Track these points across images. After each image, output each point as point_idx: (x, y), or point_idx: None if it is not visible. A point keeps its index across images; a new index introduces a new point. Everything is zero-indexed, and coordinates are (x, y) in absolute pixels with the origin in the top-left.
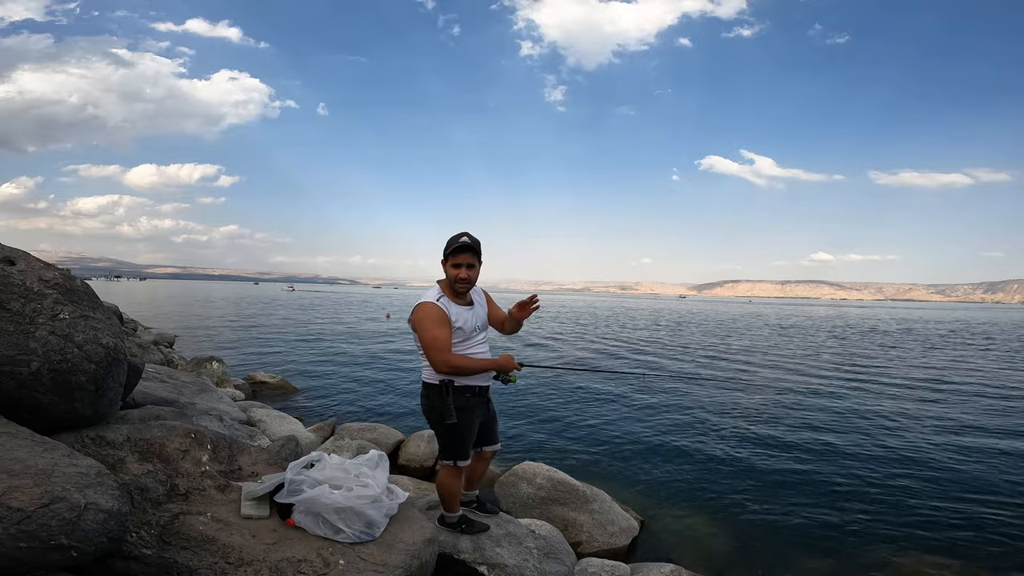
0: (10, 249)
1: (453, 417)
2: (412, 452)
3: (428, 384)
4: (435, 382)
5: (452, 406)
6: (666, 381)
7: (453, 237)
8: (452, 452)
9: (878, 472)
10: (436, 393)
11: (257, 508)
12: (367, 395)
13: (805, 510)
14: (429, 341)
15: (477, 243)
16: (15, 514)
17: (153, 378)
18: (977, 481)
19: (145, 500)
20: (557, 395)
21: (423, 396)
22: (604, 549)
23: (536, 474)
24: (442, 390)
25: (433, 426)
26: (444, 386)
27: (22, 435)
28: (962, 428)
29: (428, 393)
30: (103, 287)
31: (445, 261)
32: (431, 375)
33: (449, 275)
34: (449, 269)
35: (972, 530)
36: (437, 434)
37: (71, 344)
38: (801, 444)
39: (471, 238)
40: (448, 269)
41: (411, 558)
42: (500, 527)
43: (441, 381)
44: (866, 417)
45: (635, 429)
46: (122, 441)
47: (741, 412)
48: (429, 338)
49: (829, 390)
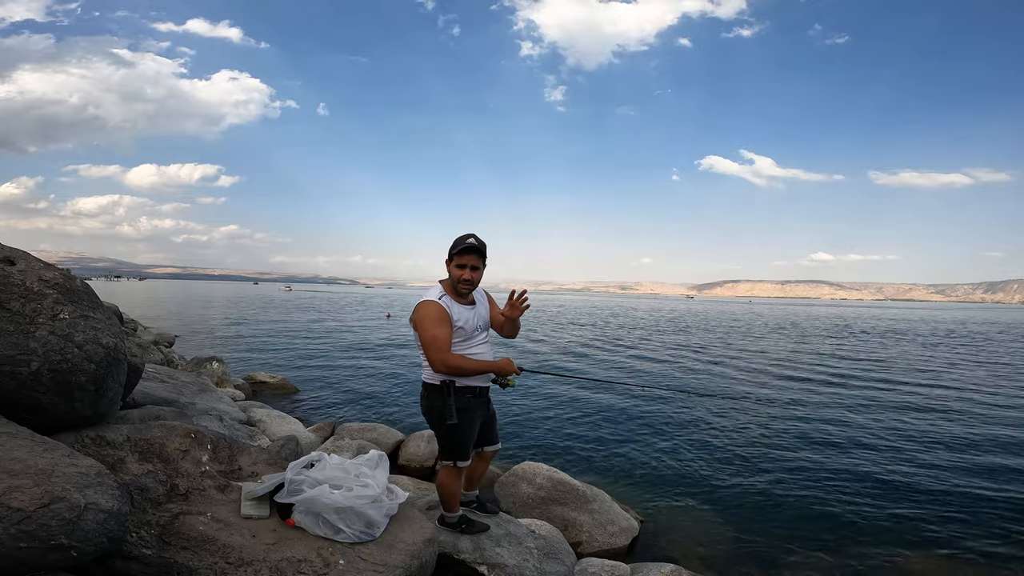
0: (10, 249)
1: (454, 418)
2: (412, 452)
3: (429, 384)
4: (436, 382)
5: (453, 407)
6: (667, 380)
7: (460, 238)
8: (453, 453)
9: (879, 472)
10: (437, 394)
11: (257, 508)
12: (367, 395)
13: (805, 510)
14: (428, 340)
15: (483, 246)
16: (15, 514)
17: (153, 378)
18: (978, 481)
19: (145, 500)
20: (557, 395)
21: (423, 396)
22: (604, 549)
23: (536, 474)
24: (443, 390)
25: (433, 426)
26: (445, 386)
27: (22, 435)
28: (963, 428)
29: (428, 394)
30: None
31: (450, 260)
32: (432, 375)
33: (453, 275)
34: (453, 269)
35: (973, 530)
36: (437, 435)
37: (71, 344)
38: (801, 444)
39: (478, 240)
40: (452, 269)
41: (411, 558)
42: (500, 527)
43: (442, 382)
44: (867, 417)
45: (635, 429)
46: (122, 441)
47: (741, 413)
48: (429, 337)
49: (830, 390)
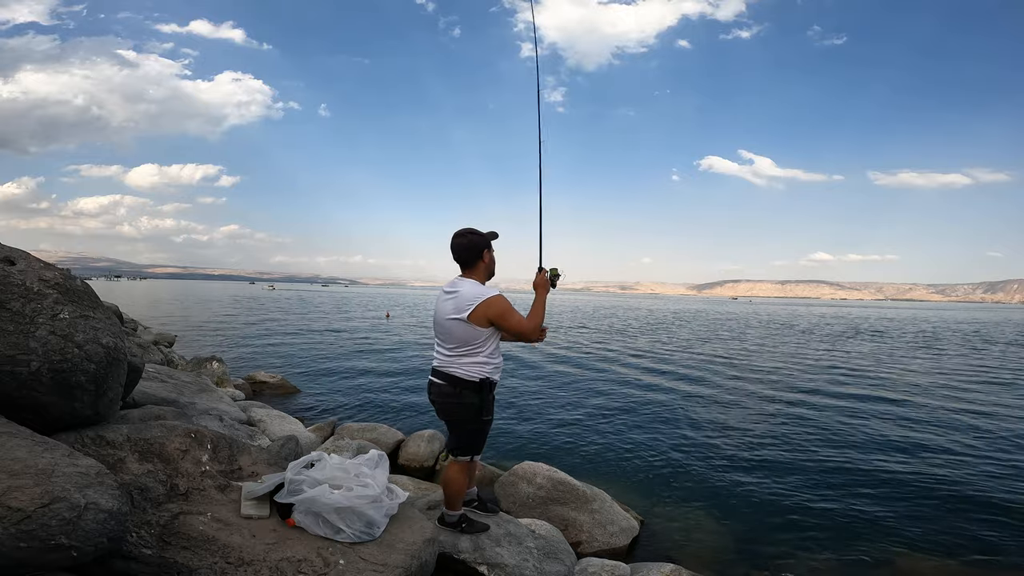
0: (10, 249)
1: (492, 413)
2: (412, 452)
3: (466, 381)
4: (476, 379)
5: (492, 403)
6: (667, 380)
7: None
8: (472, 448)
9: (879, 472)
10: (474, 391)
11: (257, 508)
12: (367, 395)
13: (806, 509)
14: (517, 321)
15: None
16: (15, 514)
17: (153, 378)
18: (979, 482)
19: (145, 500)
20: (557, 395)
21: (452, 395)
22: (604, 549)
23: (536, 474)
24: (482, 387)
25: (460, 424)
26: (485, 384)
27: (22, 435)
28: (965, 429)
29: (461, 391)
30: (103, 287)
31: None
32: (474, 372)
33: (492, 263)
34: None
35: (974, 530)
36: (462, 431)
37: (71, 344)
38: (802, 445)
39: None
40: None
41: (411, 558)
42: (500, 527)
43: (481, 380)
44: (867, 418)
45: (635, 429)
46: (122, 441)
47: (742, 413)
48: (516, 321)
49: (830, 391)
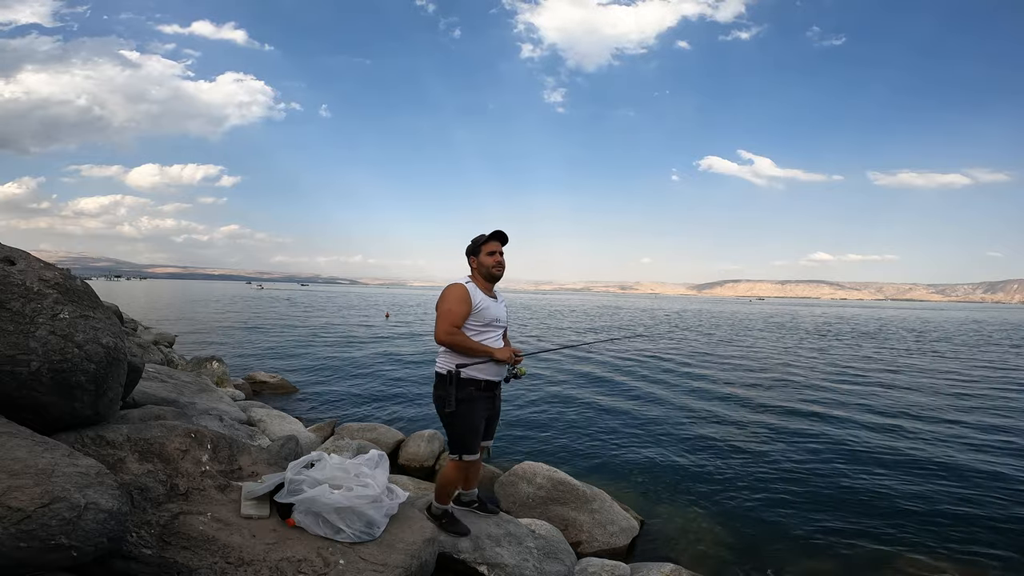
0: (10, 249)
1: (452, 405)
2: (412, 452)
3: (438, 373)
4: (444, 371)
5: (453, 396)
6: (667, 380)
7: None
8: (458, 446)
9: (879, 473)
10: (442, 382)
11: (257, 508)
12: (367, 395)
13: (806, 510)
14: (443, 312)
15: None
16: (15, 514)
17: (153, 378)
18: (979, 482)
19: (145, 500)
20: (557, 395)
21: (434, 386)
22: (604, 549)
23: (536, 474)
24: (447, 379)
25: (440, 416)
26: (450, 376)
27: (22, 435)
28: (967, 428)
29: (437, 382)
30: (103, 287)
31: (476, 253)
32: (443, 364)
33: (485, 263)
34: (484, 258)
35: (973, 530)
36: (443, 425)
37: (71, 344)
38: (802, 444)
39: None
40: (483, 258)
41: (411, 558)
42: (500, 527)
43: (448, 371)
44: (868, 418)
45: (635, 429)
46: (122, 441)
47: (744, 413)
48: (444, 310)
49: (831, 390)
